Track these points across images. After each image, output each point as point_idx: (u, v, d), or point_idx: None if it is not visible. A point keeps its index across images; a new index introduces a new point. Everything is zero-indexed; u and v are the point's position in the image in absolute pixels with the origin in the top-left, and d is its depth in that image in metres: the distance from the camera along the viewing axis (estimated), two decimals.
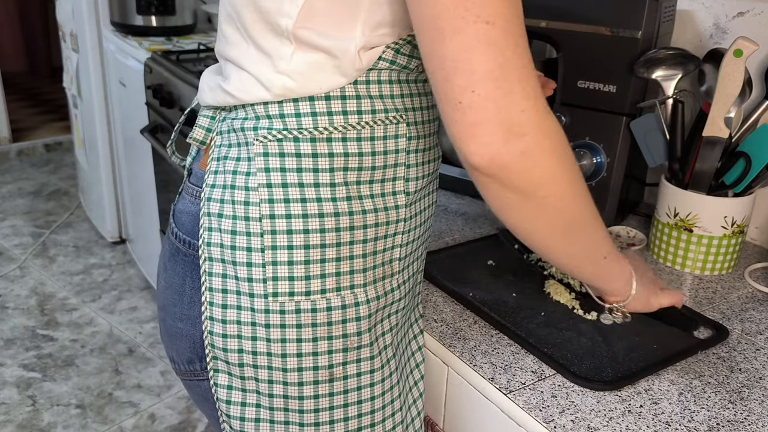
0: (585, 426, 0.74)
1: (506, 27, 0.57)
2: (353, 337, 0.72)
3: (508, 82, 0.57)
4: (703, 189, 1.05)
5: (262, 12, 0.66)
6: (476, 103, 0.58)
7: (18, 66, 5.61)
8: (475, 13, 0.56)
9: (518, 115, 0.58)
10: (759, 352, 0.88)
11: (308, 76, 0.66)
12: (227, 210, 0.70)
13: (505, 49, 0.57)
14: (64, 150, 4.41)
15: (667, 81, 1.10)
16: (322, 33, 0.64)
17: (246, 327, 0.71)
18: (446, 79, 0.58)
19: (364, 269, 0.71)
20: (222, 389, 0.75)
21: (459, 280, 1.00)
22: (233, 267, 0.70)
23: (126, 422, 2.14)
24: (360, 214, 0.69)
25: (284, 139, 0.68)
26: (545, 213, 0.66)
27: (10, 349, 2.47)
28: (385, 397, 0.76)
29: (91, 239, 3.27)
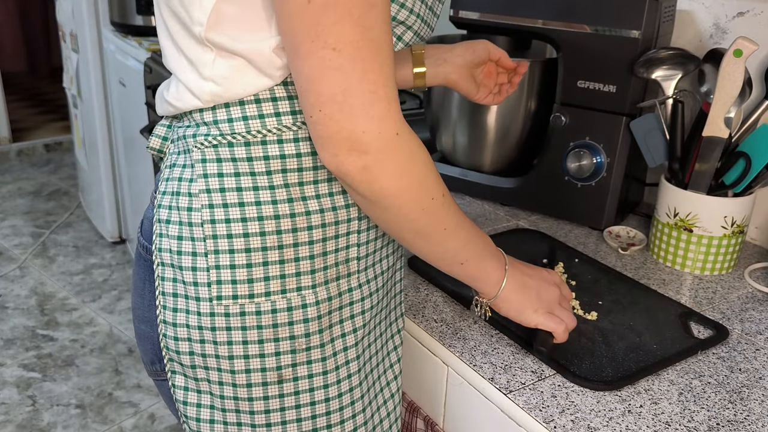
0: (585, 426, 0.74)
1: (354, 54, 0.59)
2: (301, 338, 0.72)
3: (350, 106, 0.60)
4: (703, 189, 1.05)
5: (180, 21, 0.68)
6: (323, 121, 0.62)
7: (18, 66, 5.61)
8: (323, 39, 0.59)
9: (360, 136, 0.61)
10: (759, 352, 0.88)
11: (232, 79, 0.67)
12: (174, 216, 0.72)
13: (350, 75, 0.60)
14: (64, 150, 4.41)
15: (667, 81, 1.10)
16: (234, 37, 0.66)
17: (194, 330, 0.72)
18: (301, 92, 0.63)
19: (312, 271, 0.71)
20: (179, 390, 0.77)
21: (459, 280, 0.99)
22: (180, 272, 0.71)
23: (126, 422, 2.14)
24: (303, 216, 0.70)
25: (219, 145, 0.69)
26: (389, 219, 0.68)
27: (10, 349, 2.47)
28: (342, 398, 0.76)
29: (91, 239, 3.28)
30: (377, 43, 0.60)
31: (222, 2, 0.64)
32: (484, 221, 1.22)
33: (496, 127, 1.26)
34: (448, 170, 1.33)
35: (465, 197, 1.32)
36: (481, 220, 1.23)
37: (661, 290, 1.02)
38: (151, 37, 2.53)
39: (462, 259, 0.75)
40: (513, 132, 1.26)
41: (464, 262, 0.75)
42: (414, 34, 0.71)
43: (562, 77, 1.18)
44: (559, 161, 1.20)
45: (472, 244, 0.75)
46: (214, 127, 0.69)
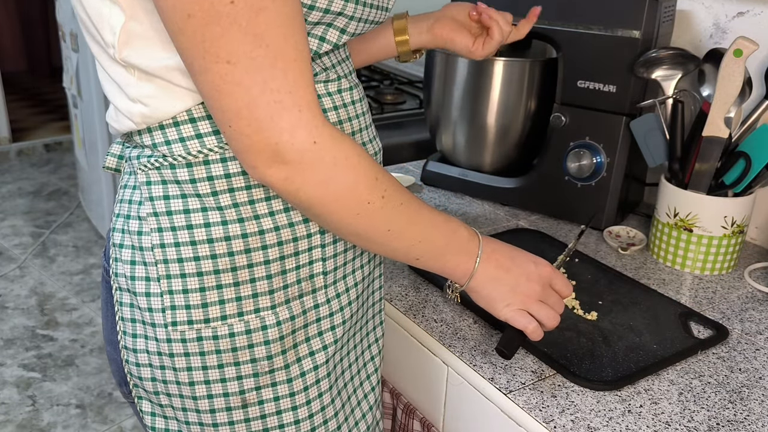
0: (585, 426, 0.74)
1: (249, 65, 0.57)
2: (263, 361, 0.70)
3: (257, 120, 0.58)
4: (703, 189, 1.05)
5: (98, 44, 0.66)
6: (234, 137, 0.60)
7: (18, 66, 5.61)
8: (214, 54, 0.56)
9: (273, 148, 0.59)
10: (759, 352, 0.88)
11: (159, 98, 0.64)
12: (126, 240, 0.70)
13: (251, 88, 0.57)
14: (64, 150, 4.41)
15: (667, 81, 1.10)
16: (148, 56, 0.63)
17: (154, 356, 0.70)
18: (209, 110, 0.61)
19: (271, 291, 0.69)
20: (147, 416, 0.75)
21: None
22: (135, 297, 0.70)
23: (126, 422, 2.14)
24: (256, 236, 0.67)
25: (162, 167, 0.66)
26: (325, 224, 0.67)
27: (10, 349, 2.47)
28: (314, 419, 0.74)
29: (91, 239, 3.27)
30: (275, 49, 0.57)
31: (129, 21, 0.62)
32: (484, 221, 1.22)
33: (496, 127, 1.26)
34: (448, 170, 1.33)
35: (465, 197, 1.32)
36: (481, 220, 1.23)
37: (661, 290, 1.02)
38: None
39: (416, 255, 0.72)
40: (513, 132, 1.26)
41: (419, 258, 0.72)
42: (359, 22, 0.66)
43: (562, 77, 1.18)
44: (559, 161, 1.20)
45: (428, 242, 0.72)
46: (155, 149, 0.67)
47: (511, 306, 0.77)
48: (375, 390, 0.84)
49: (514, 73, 1.22)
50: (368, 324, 0.83)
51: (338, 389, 0.77)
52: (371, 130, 0.76)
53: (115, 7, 0.62)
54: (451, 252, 0.74)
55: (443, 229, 0.73)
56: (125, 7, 0.62)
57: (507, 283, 0.77)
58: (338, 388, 0.77)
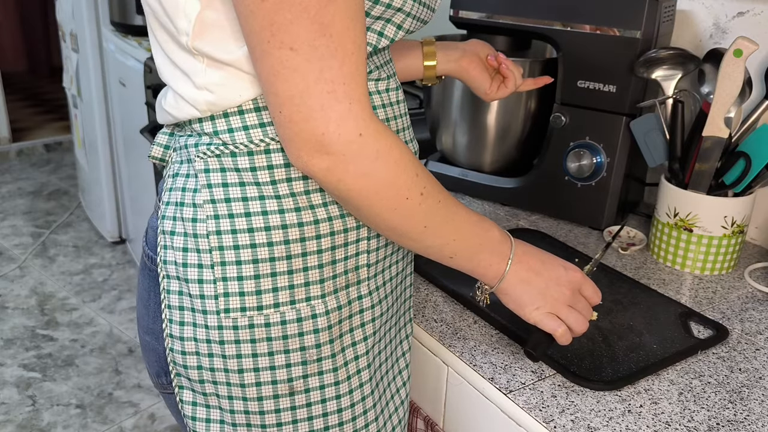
0: (585, 426, 0.74)
1: (310, 53, 0.58)
2: (312, 349, 0.71)
3: (308, 108, 0.59)
4: (703, 189, 1.05)
5: (168, 32, 0.67)
6: (283, 123, 0.61)
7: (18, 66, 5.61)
8: (279, 39, 0.58)
9: (319, 138, 0.60)
10: (759, 352, 0.88)
11: (226, 87, 0.66)
12: (178, 227, 0.70)
13: (307, 75, 0.59)
14: (64, 150, 4.41)
15: (667, 81, 1.10)
16: (220, 45, 0.65)
17: (202, 344, 0.71)
18: (264, 95, 0.63)
19: (321, 280, 0.70)
20: (187, 405, 0.75)
21: (459, 280, 1.00)
22: (186, 284, 0.70)
23: (126, 422, 2.14)
24: (311, 225, 0.68)
25: (222, 155, 0.68)
26: (364, 216, 0.68)
27: (10, 349, 2.47)
28: (355, 408, 0.75)
29: (91, 239, 3.28)
30: (337, 40, 0.59)
31: (205, 9, 0.63)
32: None
33: (496, 127, 1.26)
34: (448, 170, 1.33)
35: (465, 197, 1.32)
36: None
37: (661, 290, 1.02)
38: None
39: (449, 253, 0.73)
40: (513, 132, 1.26)
41: (453, 257, 0.73)
42: (414, 19, 0.68)
43: (562, 77, 1.18)
44: (559, 161, 1.20)
45: (462, 240, 0.73)
46: (216, 137, 0.68)
47: (541, 309, 0.77)
48: (406, 385, 0.86)
49: None
50: (401, 320, 0.84)
51: (376, 381, 0.79)
52: (411, 131, 0.78)
53: None
54: (485, 252, 0.75)
55: (477, 228, 0.74)
56: None
57: (537, 287, 0.77)
58: (376, 380, 0.79)
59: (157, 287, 0.76)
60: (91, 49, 2.77)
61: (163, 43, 0.69)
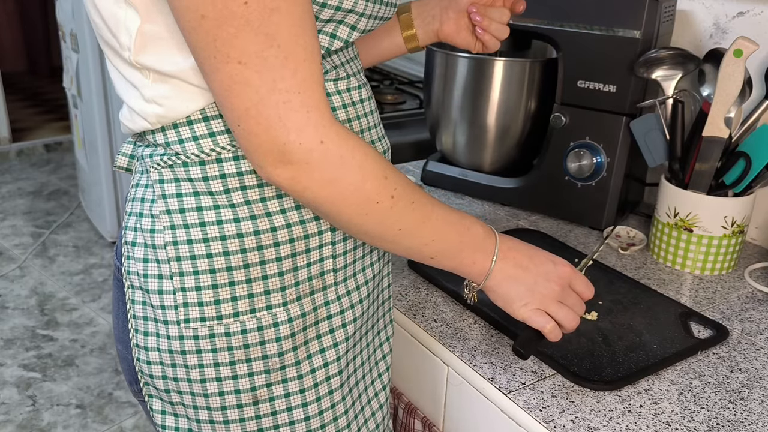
0: (585, 426, 0.74)
1: (260, 65, 0.57)
2: (275, 358, 0.70)
3: (265, 119, 0.59)
4: (703, 189, 1.05)
5: (112, 47, 0.67)
6: (242, 136, 0.60)
7: (18, 66, 5.61)
8: (225, 54, 0.57)
9: (281, 148, 0.60)
10: (759, 352, 0.88)
11: (174, 99, 0.65)
12: (138, 238, 0.70)
13: (259, 88, 0.58)
14: (64, 150, 4.41)
15: (667, 81, 1.10)
16: (163, 57, 0.64)
17: (165, 354, 0.70)
18: (220, 109, 0.62)
19: (282, 288, 0.69)
20: (157, 414, 0.75)
21: (459, 280, 1.00)
22: (148, 295, 0.70)
23: (126, 422, 2.14)
24: (268, 232, 0.67)
25: (174, 165, 0.67)
26: (335, 223, 0.67)
27: (10, 349, 2.47)
28: (324, 416, 0.74)
29: (91, 239, 3.28)
30: (286, 49, 0.58)
31: (145, 23, 0.63)
32: (484, 221, 1.22)
33: (496, 127, 1.26)
34: (448, 170, 1.33)
35: (465, 197, 1.32)
36: (481, 220, 1.23)
37: (661, 290, 1.02)
38: None
39: (429, 254, 0.72)
40: (513, 132, 1.26)
41: (434, 257, 0.72)
42: (369, 18, 0.67)
43: (562, 77, 1.18)
44: (559, 161, 1.20)
45: (441, 241, 0.71)
46: (168, 147, 0.67)
47: (529, 305, 0.75)
48: (386, 389, 0.85)
49: (514, 73, 1.22)
50: (378, 323, 0.83)
51: (349, 387, 0.78)
52: (379, 129, 0.76)
53: (130, 10, 0.63)
54: (467, 250, 0.73)
55: (458, 227, 0.72)
56: (141, 10, 0.62)
57: (525, 282, 0.75)
58: (349, 385, 0.77)
59: (124, 297, 0.75)
60: (91, 49, 2.77)
61: (112, 58, 0.68)
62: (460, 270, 0.75)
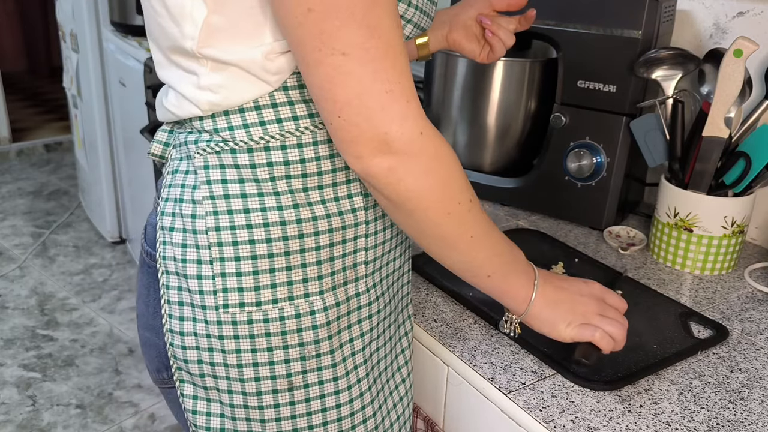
0: (585, 426, 0.74)
1: (363, 56, 0.59)
2: (311, 345, 0.71)
3: (368, 109, 0.60)
4: (703, 189, 1.05)
5: (170, 34, 0.67)
6: (343, 126, 0.62)
7: (18, 66, 5.61)
8: (330, 46, 0.59)
9: (382, 137, 0.61)
10: (759, 352, 0.88)
11: (229, 88, 0.66)
12: (177, 224, 0.71)
13: (362, 78, 0.59)
14: (64, 150, 4.41)
15: (667, 81, 1.10)
16: (226, 48, 0.65)
17: (202, 339, 0.71)
18: (317, 102, 0.63)
19: (320, 276, 0.71)
20: (188, 399, 0.76)
21: (459, 280, 0.99)
22: (185, 280, 0.71)
23: (126, 422, 2.14)
24: (310, 222, 0.69)
25: (222, 151, 0.68)
26: (415, 223, 0.68)
27: (10, 349, 2.47)
28: (353, 404, 0.76)
29: (91, 239, 3.28)
30: (386, 41, 0.60)
31: (212, 14, 0.64)
32: None
33: (496, 127, 1.26)
34: None
35: None
36: None
37: (661, 290, 1.02)
38: None
39: (488, 271, 0.73)
40: (513, 132, 1.26)
41: (491, 275, 0.74)
42: (414, 26, 0.70)
43: (562, 77, 1.18)
44: (559, 161, 1.20)
45: (499, 257, 0.73)
46: (216, 134, 0.68)
47: (573, 324, 0.77)
48: (406, 381, 0.86)
49: (514, 73, 1.22)
50: (399, 317, 0.84)
51: (374, 377, 0.79)
52: None
53: (198, 0, 0.64)
54: (517, 271, 0.76)
55: (510, 246, 0.75)
56: (209, 1, 0.63)
57: (565, 303, 0.77)
58: (374, 376, 0.79)
59: (156, 283, 0.76)
60: (91, 49, 2.77)
61: (165, 45, 0.69)
62: (508, 294, 0.76)
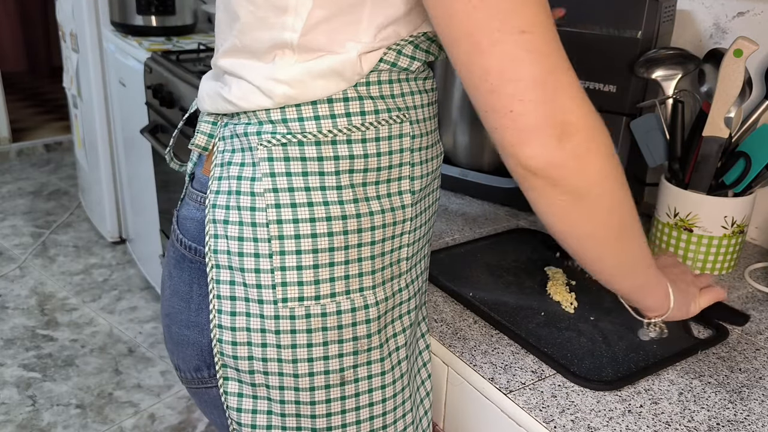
0: (585, 426, 0.74)
1: (544, 33, 0.58)
2: (364, 339, 0.72)
3: (554, 86, 0.59)
4: (703, 189, 1.05)
5: (266, 26, 0.66)
6: (527, 110, 0.58)
7: (18, 66, 5.61)
8: (511, 24, 0.57)
9: (567, 117, 0.59)
10: (759, 352, 0.88)
11: (308, 83, 0.66)
12: (233, 216, 0.70)
13: (548, 54, 0.58)
14: (64, 150, 4.41)
15: (667, 81, 1.10)
16: (324, 43, 0.65)
17: (256, 334, 0.70)
18: (492, 91, 0.59)
19: (373, 271, 0.71)
20: (232, 397, 0.75)
21: (459, 280, 1.00)
22: (241, 274, 0.70)
23: (126, 422, 2.14)
24: (367, 216, 0.69)
25: (288, 144, 0.67)
26: (599, 213, 0.66)
27: (10, 349, 2.47)
28: (396, 398, 0.76)
29: (91, 239, 3.27)
30: (550, 18, 0.59)
31: (316, 8, 0.63)
32: (484, 221, 1.22)
33: None
34: (448, 170, 1.33)
35: (465, 197, 1.32)
36: (481, 220, 1.23)
37: None
38: (151, 37, 2.53)
39: (650, 259, 0.75)
40: None
41: (651, 265, 0.75)
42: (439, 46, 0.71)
43: None
44: None
45: (647, 248, 0.74)
46: (283, 125, 0.67)
47: (695, 296, 0.84)
48: (431, 378, 0.86)
49: None
50: (419, 314, 0.84)
51: (411, 373, 0.80)
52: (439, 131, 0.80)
53: None
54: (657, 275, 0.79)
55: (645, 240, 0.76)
56: None
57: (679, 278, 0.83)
58: (411, 371, 0.80)
59: (200, 279, 0.75)
60: (91, 49, 2.77)
61: (250, 33, 0.67)
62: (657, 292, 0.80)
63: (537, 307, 0.94)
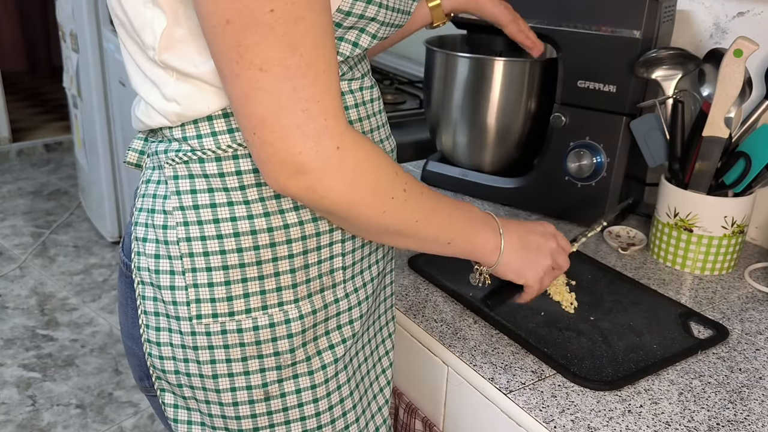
0: (585, 426, 0.74)
1: (281, 73, 0.57)
2: (286, 354, 0.70)
3: (282, 127, 0.58)
4: (703, 189, 1.05)
5: (136, 44, 0.67)
6: (258, 144, 0.60)
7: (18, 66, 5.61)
8: (248, 60, 0.56)
9: (296, 156, 0.59)
10: (759, 352, 0.88)
11: (194, 98, 0.65)
12: (150, 234, 0.70)
13: (280, 95, 0.57)
14: (64, 150, 4.41)
15: (667, 81, 1.10)
16: (188, 59, 0.64)
17: (178, 349, 0.71)
18: (236, 117, 0.61)
19: (294, 284, 0.70)
20: (170, 408, 0.76)
21: (459, 280, 1.00)
22: (159, 291, 0.70)
23: (126, 422, 2.14)
24: (281, 230, 0.68)
25: (190, 161, 0.67)
26: (353, 227, 0.68)
27: (10, 349, 2.47)
28: (333, 411, 0.75)
29: (91, 239, 3.28)
30: (308, 58, 0.57)
31: (172, 26, 0.63)
32: None
33: (496, 127, 1.26)
34: (448, 170, 1.33)
35: (465, 197, 1.32)
36: None
37: (661, 290, 1.02)
38: None
39: (447, 239, 0.73)
40: (513, 132, 1.26)
41: (451, 241, 0.74)
42: (387, 26, 0.68)
43: (562, 77, 1.18)
44: (559, 161, 1.20)
45: (454, 224, 0.73)
46: (185, 143, 0.67)
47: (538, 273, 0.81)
48: (389, 386, 0.86)
49: (514, 73, 1.22)
50: (380, 319, 0.84)
51: (356, 382, 0.78)
52: (386, 129, 0.77)
53: (157, 11, 0.63)
54: (477, 229, 0.76)
55: (462, 210, 0.75)
56: (168, 12, 0.63)
57: (531, 250, 0.80)
58: (355, 381, 0.78)
59: (133, 293, 0.75)
60: (91, 49, 2.77)
61: (134, 54, 0.69)
62: (475, 251, 0.77)
63: (537, 307, 0.94)
